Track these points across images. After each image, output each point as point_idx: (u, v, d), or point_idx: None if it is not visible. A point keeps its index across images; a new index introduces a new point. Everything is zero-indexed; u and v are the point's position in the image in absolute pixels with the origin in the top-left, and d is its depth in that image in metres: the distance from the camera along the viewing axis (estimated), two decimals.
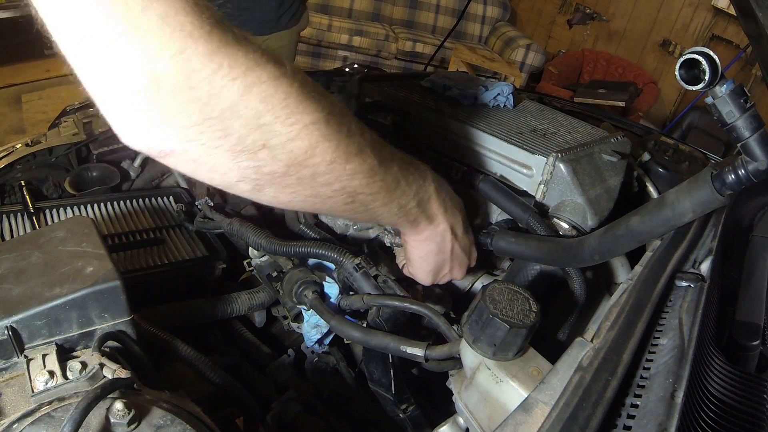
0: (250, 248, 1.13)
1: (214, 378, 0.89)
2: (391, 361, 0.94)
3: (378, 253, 1.21)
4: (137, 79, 0.45)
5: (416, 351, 0.81)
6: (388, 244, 1.19)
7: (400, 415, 0.96)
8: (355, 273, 0.94)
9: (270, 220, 1.42)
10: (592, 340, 0.70)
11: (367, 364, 0.97)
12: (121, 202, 1.35)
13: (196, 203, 1.26)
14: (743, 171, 0.68)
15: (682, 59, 0.62)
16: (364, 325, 0.96)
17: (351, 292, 0.98)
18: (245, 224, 1.10)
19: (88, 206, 1.30)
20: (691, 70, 0.63)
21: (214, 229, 1.19)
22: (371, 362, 0.96)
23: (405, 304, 0.88)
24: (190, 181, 1.36)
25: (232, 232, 1.12)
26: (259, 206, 1.40)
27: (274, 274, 1.09)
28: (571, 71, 5.32)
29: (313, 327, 1.08)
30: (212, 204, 1.23)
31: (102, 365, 0.63)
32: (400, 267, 1.00)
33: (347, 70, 2.08)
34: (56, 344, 0.66)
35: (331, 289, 1.04)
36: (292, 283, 1.01)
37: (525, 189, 1.13)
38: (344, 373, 1.15)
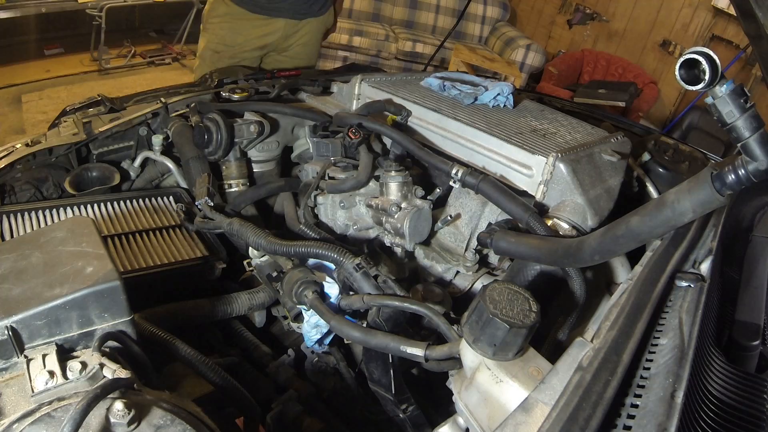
0: (250, 248, 1.13)
1: (214, 378, 0.89)
2: (391, 361, 0.94)
3: (378, 253, 1.21)
4: None
5: (416, 351, 0.81)
6: (388, 244, 1.19)
7: (400, 415, 0.95)
8: (355, 273, 0.94)
9: (270, 221, 1.42)
10: (592, 340, 0.70)
11: (367, 364, 0.97)
12: (121, 202, 1.35)
13: (196, 203, 1.25)
14: (743, 171, 0.68)
15: (682, 59, 0.62)
16: (364, 325, 0.96)
17: (351, 292, 0.98)
18: (245, 224, 1.10)
19: (88, 206, 1.30)
20: (691, 70, 0.62)
21: (214, 229, 1.19)
22: (371, 362, 0.96)
23: (405, 304, 0.87)
24: (190, 181, 1.35)
25: (232, 232, 1.12)
26: (258, 206, 1.40)
27: (274, 274, 1.09)
28: (571, 71, 5.32)
29: (313, 327, 1.08)
30: (212, 204, 1.23)
31: (102, 365, 0.63)
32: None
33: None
34: (56, 344, 0.66)
35: (332, 289, 1.04)
36: (292, 283, 1.01)
37: (525, 189, 1.13)
38: (344, 373, 1.15)
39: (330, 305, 0.99)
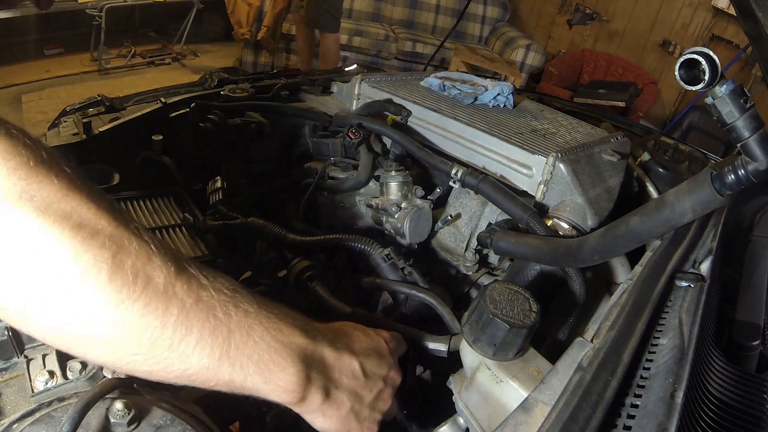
0: (258, 243, 1.11)
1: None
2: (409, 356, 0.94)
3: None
4: None
5: (439, 346, 0.81)
6: None
7: (405, 412, 0.95)
8: (383, 264, 0.93)
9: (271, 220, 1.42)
10: (592, 340, 0.70)
11: None
12: (121, 202, 1.35)
13: (211, 204, 1.25)
14: (743, 171, 0.68)
15: (681, 59, 0.62)
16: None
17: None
18: (265, 222, 1.08)
19: None
20: (691, 70, 0.62)
21: (230, 220, 1.15)
22: None
23: (413, 292, 0.87)
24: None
25: (252, 228, 1.09)
26: (260, 208, 1.40)
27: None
28: (571, 71, 5.32)
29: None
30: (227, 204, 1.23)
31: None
32: None
33: (347, 69, 2.08)
34: None
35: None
36: (296, 272, 1.00)
37: (525, 189, 1.13)
38: None
39: None
